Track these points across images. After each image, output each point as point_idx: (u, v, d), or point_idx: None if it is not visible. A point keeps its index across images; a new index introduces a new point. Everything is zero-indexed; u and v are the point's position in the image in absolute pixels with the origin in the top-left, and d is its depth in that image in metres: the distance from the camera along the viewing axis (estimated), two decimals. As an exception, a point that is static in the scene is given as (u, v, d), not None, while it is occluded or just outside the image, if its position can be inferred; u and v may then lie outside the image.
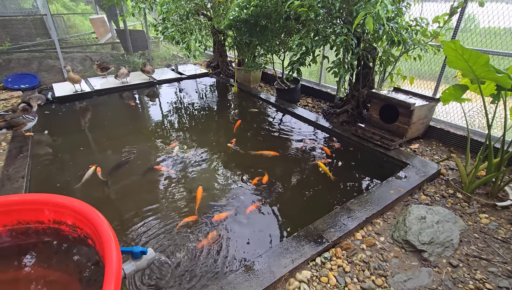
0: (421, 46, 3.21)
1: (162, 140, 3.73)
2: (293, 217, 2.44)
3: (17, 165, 2.95)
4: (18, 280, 1.48)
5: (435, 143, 3.56)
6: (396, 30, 3.09)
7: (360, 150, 3.44)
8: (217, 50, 6.61)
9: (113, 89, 5.50)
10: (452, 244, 2.07)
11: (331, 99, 4.82)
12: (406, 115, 3.27)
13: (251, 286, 1.69)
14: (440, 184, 2.78)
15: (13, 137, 3.57)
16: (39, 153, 3.39)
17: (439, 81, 3.62)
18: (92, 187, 2.79)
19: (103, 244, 1.27)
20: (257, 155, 3.33)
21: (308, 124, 4.17)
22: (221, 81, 6.32)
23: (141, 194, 2.71)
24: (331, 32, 3.23)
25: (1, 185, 2.63)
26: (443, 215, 2.25)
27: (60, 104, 4.90)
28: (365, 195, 2.49)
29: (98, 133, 3.94)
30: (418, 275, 1.87)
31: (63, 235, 1.55)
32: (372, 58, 3.60)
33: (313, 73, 5.68)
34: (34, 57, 6.97)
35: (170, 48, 9.17)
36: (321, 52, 4.63)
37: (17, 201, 1.47)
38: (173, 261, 1.99)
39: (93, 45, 8.75)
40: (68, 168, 3.10)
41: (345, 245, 2.06)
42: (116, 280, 1.15)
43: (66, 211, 1.47)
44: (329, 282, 1.81)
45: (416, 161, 3.01)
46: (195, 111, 4.77)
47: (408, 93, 3.61)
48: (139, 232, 2.22)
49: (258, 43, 4.69)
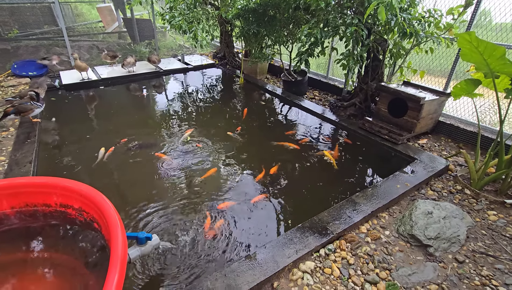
0: (433, 38, 3.12)
1: (166, 129, 3.72)
2: (297, 209, 2.43)
3: (24, 150, 2.98)
4: (25, 261, 1.50)
5: (444, 138, 3.50)
6: (408, 21, 3.01)
7: (367, 144, 3.40)
8: (224, 41, 6.54)
9: (120, 78, 5.50)
10: (458, 240, 2.04)
11: (338, 92, 4.75)
12: (415, 109, 3.20)
13: (254, 275, 1.69)
14: (448, 180, 2.74)
15: (21, 123, 3.60)
16: (46, 139, 3.42)
17: (450, 75, 3.54)
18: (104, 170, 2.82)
19: (109, 228, 1.27)
20: (278, 145, 3.34)
21: (315, 117, 4.13)
22: (227, 72, 6.27)
23: (142, 180, 2.72)
24: (341, 23, 3.16)
25: (9, 170, 2.67)
26: (450, 211, 2.22)
27: (67, 91, 4.92)
28: (371, 189, 2.46)
29: (104, 121, 3.96)
30: (423, 270, 1.85)
31: (69, 219, 1.57)
32: (383, 50, 3.52)
33: (320, 66, 5.60)
34: (41, 44, 6.99)
35: (176, 38, 9.11)
36: (330, 43, 4.55)
37: (25, 183, 1.49)
38: (177, 247, 2.01)
39: (100, 33, 8.73)
40: (74, 154, 3.13)
41: (350, 237, 2.05)
42: (121, 264, 1.16)
43: (73, 195, 1.48)
44: (332, 274, 1.81)
45: (424, 156, 2.97)
46: (201, 102, 4.75)
47: (418, 87, 3.54)
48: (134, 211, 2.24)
49: (266, 33, 4.62)
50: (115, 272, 1.11)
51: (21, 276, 1.44)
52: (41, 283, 1.42)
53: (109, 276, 1.09)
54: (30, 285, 1.40)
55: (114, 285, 1.06)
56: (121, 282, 1.11)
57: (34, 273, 1.46)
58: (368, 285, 1.74)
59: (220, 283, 1.64)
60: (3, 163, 2.79)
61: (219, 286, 1.62)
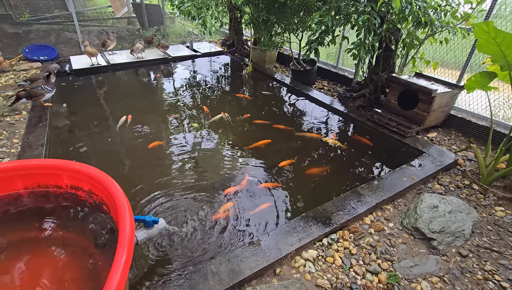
0: (449, 28, 3.02)
1: (173, 116, 3.75)
2: (301, 199, 2.45)
3: (36, 133, 3.05)
4: (38, 240, 1.56)
5: (454, 132, 3.43)
6: (424, 10, 2.90)
7: (374, 136, 3.36)
8: (233, 28, 6.45)
9: (128, 64, 5.51)
10: (463, 235, 2.04)
11: (347, 83, 4.67)
12: (426, 101, 3.14)
13: (257, 261, 1.73)
14: (456, 175, 2.70)
15: (33, 107, 3.67)
16: (57, 123, 3.49)
17: (465, 68, 3.43)
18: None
19: (118, 211, 1.31)
20: (299, 136, 3.38)
21: (323, 107, 4.09)
22: (236, 60, 6.21)
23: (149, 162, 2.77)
24: (354, 11, 3.07)
25: (22, 152, 2.74)
26: (457, 205, 2.20)
27: (77, 76, 4.97)
28: (377, 181, 2.45)
29: (113, 106, 4.00)
30: (425, 262, 1.86)
31: (79, 201, 1.62)
32: (395, 40, 3.42)
33: (330, 55, 5.49)
34: (52, 29, 7.03)
35: (185, 25, 9.02)
36: (341, 32, 4.44)
37: (37, 165, 1.53)
38: (183, 230, 2.06)
39: (109, 19, 8.70)
40: (83, 138, 3.19)
41: (353, 228, 2.06)
42: (129, 246, 1.20)
43: (83, 178, 1.52)
44: (334, 263, 1.83)
45: (432, 150, 2.92)
46: (208, 89, 4.75)
47: (430, 79, 3.45)
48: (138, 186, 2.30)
49: (275, 21, 4.53)
50: (123, 253, 1.15)
51: (34, 254, 1.50)
52: (53, 261, 1.48)
53: (117, 256, 1.13)
54: (43, 262, 1.46)
55: (121, 265, 1.10)
56: (128, 263, 1.15)
57: (46, 251, 1.53)
58: (370, 275, 1.76)
59: (224, 267, 1.68)
60: (16, 146, 2.87)
61: (223, 270, 1.67)
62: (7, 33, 6.42)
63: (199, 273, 1.65)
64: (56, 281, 1.36)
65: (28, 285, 1.34)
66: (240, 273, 1.65)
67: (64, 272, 1.39)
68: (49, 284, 1.35)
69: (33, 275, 1.38)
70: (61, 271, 1.40)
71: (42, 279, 1.38)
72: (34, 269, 1.43)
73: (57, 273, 1.39)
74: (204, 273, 1.64)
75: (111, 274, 1.06)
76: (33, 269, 1.42)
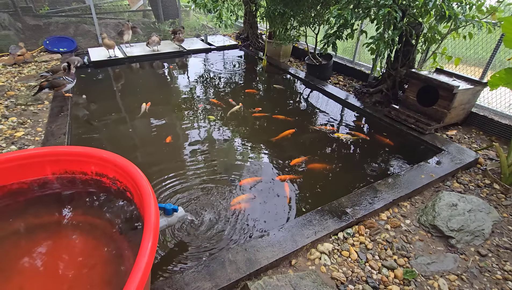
0: (474, 22, 2.91)
1: (188, 108, 3.80)
2: (316, 193, 2.45)
3: (59, 122, 3.15)
4: (64, 223, 1.63)
5: (475, 130, 3.34)
6: (447, 3, 2.81)
7: (392, 132, 3.31)
8: (247, 21, 6.42)
9: (144, 57, 5.59)
10: (482, 234, 2.00)
11: (364, 78, 4.59)
12: (447, 98, 3.06)
13: (273, 251, 1.76)
14: (476, 173, 2.64)
15: (54, 97, 3.79)
16: (77, 113, 3.59)
17: (488, 64, 3.32)
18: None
19: (143, 198, 1.35)
20: (315, 129, 3.40)
21: (338, 103, 4.05)
22: (250, 54, 6.19)
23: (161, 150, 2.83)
24: (374, 4, 3.01)
25: (46, 140, 2.85)
26: (476, 205, 2.16)
27: (95, 68, 5.08)
28: (394, 177, 2.43)
29: (130, 98, 4.08)
30: (443, 260, 1.84)
31: (104, 187, 1.67)
32: (416, 34, 3.33)
33: (347, 50, 5.40)
34: (70, 21, 7.18)
35: (200, 18, 9.04)
36: (359, 26, 4.35)
37: (65, 152, 1.60)
38: (200, 219, 2.11)
39: (125, 11, 8.82)
40: (102, 128, 3.28)
41: (369, 223, 2.06)
42: (154, 232, 1.24)
43: (108, 165, 1.58)
44: (350, 257, 1.84)
45: (452, 148, 2.86)
46: (223, 83, 4.77)
47: (451, 75, 3.35)
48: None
49: (292, 14, 4.49)
50: (149, 239, 1.18)
51: (61, 236, 1.58)
52: (79, 243, 1.55)
53: (144, 243, 1.17)
54: (69, 244, 1.53)
55: (148, 251, 1.14)
56: (154, 249, 1.19)
57: (72, 234, 1.60)
58: (386, 270, 1.77)
59: (241, 256, 1.72)
60: (40, 134, 2.98)
61: (240, 259, 1.70)
62: (29, 25, 6.61)
63: (216, 261, 1.69)
64: (81, 263, 1.43)
65: (54, 265, 1.40)
66: (256, 263, 1.69)
67: (88, 255, 1.46)
68: (75, 265, 1.41)
69: (59, 256, 1.45)
70: (85, 254, 1.46)
71: (68, 260, 1.45)
72: (60, 251, 1.49)
73: (81, 256, 1.45)
74: (222, 261, 1.68)
75: (139, 257, 1.10)
76: (59, 251, 1.49)
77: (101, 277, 1.38)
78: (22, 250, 1.44)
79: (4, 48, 5.34)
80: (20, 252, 1.43)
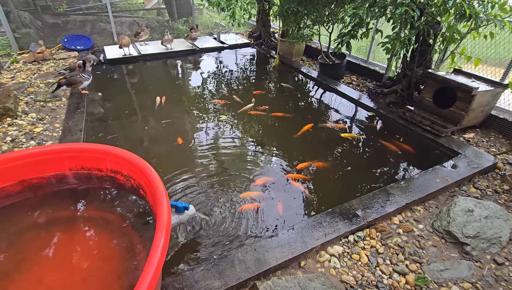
0: (496, 22, 2.80)
1: (200, 106, 3.83)
2: (326, 195, 2.43)
3: (75, 119, 3.25)
4: (80, 217, 1.69)
5: (494, 134, 3.22)
6: (468, 1, 2.72)
7: (406, 134, 3.24)
8: (260, 20, 6.40)
9: (158, 55, 5.67)
10: (500, 241, 1.94)
11: (378, 78, 4.51)
12: (465, 100, 2.96)
13: (283, 252, 1.76)
14: (495, 179, 2.55)
15: (71, 94, 3.90)
16: (93, 110, 3.68)
17: (510, 64, 3.19)
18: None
19: (155, 196, 1.38)
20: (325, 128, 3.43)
21: (351, 102, 3.99)
22: (262, 52, 6.18)
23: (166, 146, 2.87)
24: (391, 2, 2.94)
25: (63, 136, 2.94)
26: (494, 211, 2.09)
27: (110, 65, 5.19)
28: (407, 181, 2.38)
29: (144, 95, 4.15)
30: (457, 267, 1.80)
31: (118, 184, 1.72)
32: (434, 34, 3.24)
33: (361, 49, 5.31)
34: (87, 20, 7.36)
35: (213, 16, 9.08)
36: (374, 25, 4.27)
37: (83, 149, 1.64)
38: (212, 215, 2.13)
39: (140, 10, 8.96)
40: (116, 125, 3.35)
41: (380, 227, 2.03)
42: (166, 229, 1.26)
43: (123, 163, 1.61)
44: (360, 260, 1.82)
45: (469, 151, 2.77)
46: (235, 81, 4.78)
47: (470, 76, 3.24)
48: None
49: (305, 12, 4.44)
50: (161, 236, 1.21)
51: (76, 230, 1.63)
52: (93, 237, 1.59)
53: (156, 240, 1.20)
54: (84, 237, 1.58)
55: (160, 247, 1.17)
56: (166, 245, 1.21)
57: (87, 228, 1.65)
58: (397, 275, 1.74)
59: (250, 256, 1.73)
60: (57, 130, 3.08)
61: (249, 259, 1.71)
62: (48, 24, 6.81)
63: (226, 260, 1.70)
64: (95, 256, 1.47)
65: (69, 257, 1.45)
66: (265, 263, 1.69)
67: (102, 249, 1.50)
68: (89, 258, 1.46)
69: (74, 249, 1.50)
70: (99, 247, 1.51)
71: (82, 253, 1.49)
72: (75, 244, 1.54)
73: (95, 249, 1.50)
74: (231, 260, 1.70)
75: (151, 253, 1.12)
76: (74, 244, 1.54)
77: (113, 270, 1.42)
78: (40, 242, 1.50)
79: (24, 46, 5.54)
80: (38, 244, 1.48)
